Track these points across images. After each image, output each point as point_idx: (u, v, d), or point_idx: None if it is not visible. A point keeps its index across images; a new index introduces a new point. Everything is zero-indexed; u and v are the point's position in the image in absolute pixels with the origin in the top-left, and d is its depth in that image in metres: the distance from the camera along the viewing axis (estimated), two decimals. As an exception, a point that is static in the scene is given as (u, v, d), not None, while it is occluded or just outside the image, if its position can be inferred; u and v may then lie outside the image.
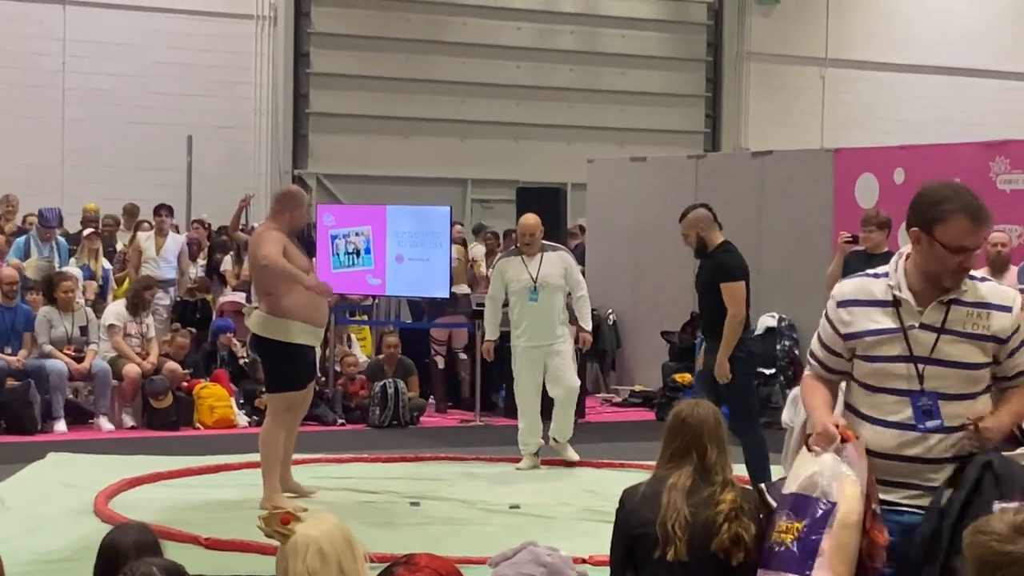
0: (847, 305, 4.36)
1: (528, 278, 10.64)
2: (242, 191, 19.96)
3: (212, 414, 12.99)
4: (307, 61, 21.61)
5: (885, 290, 4.34)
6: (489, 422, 13.26)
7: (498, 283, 10.90)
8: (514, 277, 10.72)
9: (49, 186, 17.57)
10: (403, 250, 13.60)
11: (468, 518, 8.91)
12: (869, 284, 4.39)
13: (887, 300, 4.32)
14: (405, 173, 21.54)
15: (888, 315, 4.30)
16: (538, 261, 10.68)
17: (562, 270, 10.74)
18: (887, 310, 4.30)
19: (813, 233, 13.54)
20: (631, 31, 23.39)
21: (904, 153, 13.40)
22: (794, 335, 13.92)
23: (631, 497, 4.80)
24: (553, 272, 10.69)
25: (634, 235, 15.60)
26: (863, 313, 4.32)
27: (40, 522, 8.50)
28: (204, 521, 8.38)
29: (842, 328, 4.36)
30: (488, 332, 11.05)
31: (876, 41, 24.84)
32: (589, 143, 21.82)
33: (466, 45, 22.33)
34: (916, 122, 23.51)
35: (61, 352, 12.75)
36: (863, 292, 4.37)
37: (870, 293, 4.36)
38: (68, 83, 19.82)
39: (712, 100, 24.33)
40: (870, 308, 4.31)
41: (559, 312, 10.75)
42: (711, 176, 15.14)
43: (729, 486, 4.72)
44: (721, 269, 9.20)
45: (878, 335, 4.29)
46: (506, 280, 10.77)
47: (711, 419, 4.82)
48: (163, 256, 14.71)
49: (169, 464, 10.47)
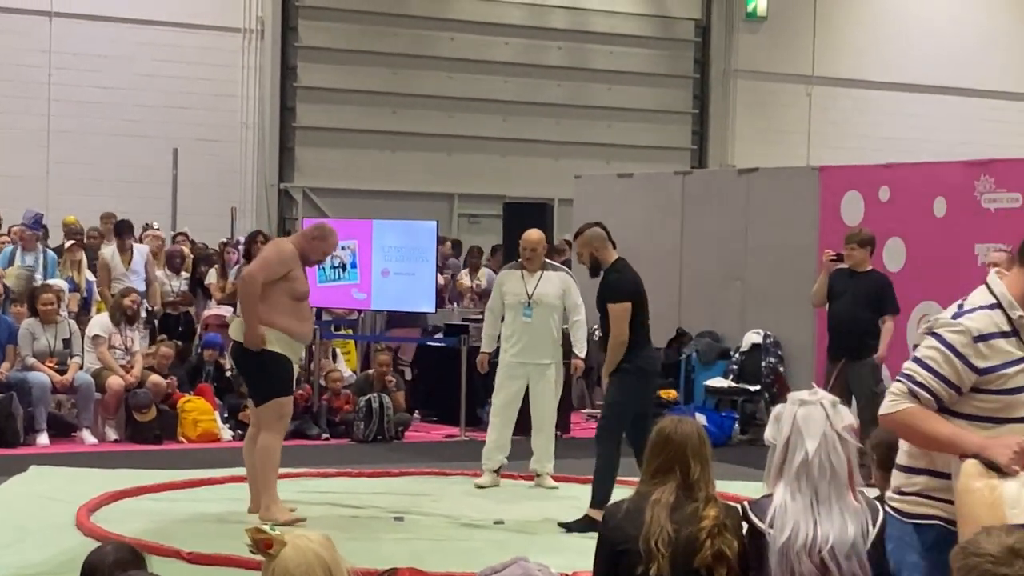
0: (985, 339, 4.29)
1: (524, 293, 10.61)
2: (228, 204, 20.02)
3: (196, 428, 12.95)
4: (294, 75, 21.62)
5: (1005, 320, 4.31)
6: (474, 437, 13.24)
7: (497, 295, 10.88)
8: (511, 291, 10.70)
9: (34, 197, 17.52)
10: (389, 264, 13.58)
11: (452, 533, 8.90)
12: (992, 316, 4.32)
13: (1010, 331, 4.30)
14: (392, 187, 21.55)
15: (1015, 345, 4.29)
16: (537, 278, 10.65)
17: (560, 290, 10.68)
18: (1012, 340, 4.29)
19: (799, 250, 13.56)
20: (619, 47, 23.44)
21: (889, 171, 13.42)
22: (779, 352, 13.93)
23: (614, 513, 4.79)
24: (550, 291, 10.64)
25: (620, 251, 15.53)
26: (1000, 346, 4.28)
27: (22, 535, 8.46)
28: (187, 535, 8.35)
29: (981, 363, 4.27)
30: (484, 344, 11.02)
31: (862, 59, 24.93)
32: (576, 159, 21.85)
33: (454, 60, 22.36)
34: (902, 140, 23.60)
35: (43, 365, 12.70)
36: (993, 325, 4.31)
37: (997, 325, 4.31)
38: (54, 94, 19.80)
39: (699, 117, 24.39)
40: (1003, 340, 4.29)
41: (553, 332, 10.70)
42: (697, 193, 15.16)
43: (712, 502, 4.71)
44: (607, 289, 9.23)
45: (1016, 365, 4.27)
46: (503, 293, 10.76)
47: (695, 436, 4.81)
48: (132, 269, 14.65)
49: (152, 478, 10.43)
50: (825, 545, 4.43)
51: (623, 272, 9.23)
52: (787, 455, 4.54)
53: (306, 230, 9.67)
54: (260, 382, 9.14)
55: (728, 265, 14.54)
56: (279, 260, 9.06)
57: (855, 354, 11.13)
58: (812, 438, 4.51)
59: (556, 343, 10.73)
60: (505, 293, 10.72)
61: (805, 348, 13.51)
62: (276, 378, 9.03)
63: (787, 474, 4.52)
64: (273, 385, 9.03)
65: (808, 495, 4.49)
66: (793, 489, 4.50)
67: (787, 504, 4.49)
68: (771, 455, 4.61)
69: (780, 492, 4.52)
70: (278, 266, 9.02)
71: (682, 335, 14.80)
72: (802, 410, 4.56)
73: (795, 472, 4.50)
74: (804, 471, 4.49)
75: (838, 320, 11.32)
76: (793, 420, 4.55)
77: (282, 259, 9.06)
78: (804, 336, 13.52)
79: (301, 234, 9.65)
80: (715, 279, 14.66)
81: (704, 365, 14.31)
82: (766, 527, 4.49)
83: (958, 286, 11.47)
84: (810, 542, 4.43)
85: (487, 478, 10.66)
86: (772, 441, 4.60)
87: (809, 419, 4.55)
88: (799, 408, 4.57)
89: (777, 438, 4.58)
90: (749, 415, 13.85)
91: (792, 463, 4.52)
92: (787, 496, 4.50)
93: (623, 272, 9.23)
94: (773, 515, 4.48)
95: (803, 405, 4.57)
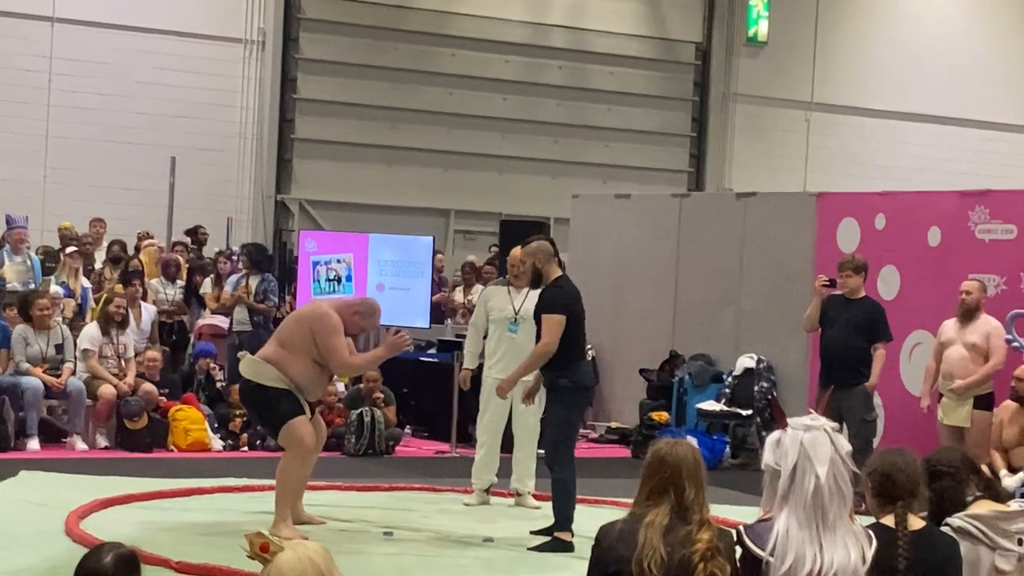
0: None
1: (511, 309, 10.61)
2: (224, 214, 20.02)
3: (187, 437, 12.93)
4: (294, 86, 21.65)
5: None
6: (464, 453, 13.23)
7: (481, 311, 10.86)
8: (496, 306, 10.69)
9: (30, 203, 17.52)
10: (384, 279, 13.59)
11: (441, 550, 8.88)
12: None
13: None
14: (388, 202, 21.56)
15: None
16: (524, 294, 10.64)
17: None
18: None
19: (794, 276, 13.58)
20: (619, 68, 23.49)
21: (885, 199, 13.46)
22: (772, 377, 13.93)
23: (607, 534, 4.78)
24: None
25: (615, 272, 15.63)
26: None
27: (10, 540, 8.43)
28: (176, 544, 8.32)
29: None
30: (466, 360, 11.01)
31: (861, 87, 25.00)
32: (574, 178, 21.88)
33: (454, 76, 22.39)
34: (898, 168, 23.66)
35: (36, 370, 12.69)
36: None
37: None
38: (53, 100, 19.81)
39: (697, 140, 24.43)
40: None
41: None
42: (694, 216, 15.18)
43: (706, 526, 4.71)
44: (543, 302, 9.25)
45: None
46: (488, 308, 10.75)
47: (690, 458, 4.81)
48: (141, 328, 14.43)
49: (142, 486, 10.41)
50: (830, 570, 4.43)
51: (563, 288, 9.25)
52: (794, 480, 4.54)
53: (352, 302, 9.50)
54: (266, 415, 9.13)
55: (723, 288, 14.56)
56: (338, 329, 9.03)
57: (847, 381, 11.14)
58: (822, 463, 4.52)
59: None
60: (491, 309, 10.72)
61: (799, 373, 13.53)
62: (280, 407, 8.94)
63: (795, 500, 4.51)
64: (280, 414, 8.95)
65: (815, 521, 4.48)
66: (799, 516, 4.49)
67: (790, 531, 4.48)
68: (770, 480, 4.60)
69: (783, 519, 4.51)
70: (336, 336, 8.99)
71: (675, 357, 14.81)
72: (808, 435, 4.57)
73: (808, 498, 4.49)
74: (816, 496, 4.49)
75: (830, 347, 11.32)
76: (800, 445, 4.55)
77: (339, 328, 9.05)
78: (798, 361, 13.53)
79: (346, 304, 9.40)
80: (710, 302, 14.68)
81: (697, 388, 14.33)
82: (766, 555, 4.49)
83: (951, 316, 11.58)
84: (816, 570, 4.43)
85: (476, 497, 10.64)
86: (774, 466, 4.59)
87: (816, 444, 4.56)
88: (804, 433, 4.57)
89: (782, 463, 4.57)
90: (741, 439, 13.85)
91: (802, 488, 4.51)
92: (791, 523, 4.49)
93: (563, 288, 9.25)
94: (775, 543, 4.48)
95: (808, 430, 4.58)
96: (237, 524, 8.86)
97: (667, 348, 14.92)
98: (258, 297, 14.64)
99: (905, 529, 4.78)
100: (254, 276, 14.78)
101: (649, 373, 14.95)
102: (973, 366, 11.04)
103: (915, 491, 4.90)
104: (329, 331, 8.93)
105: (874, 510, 4.95)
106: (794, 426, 4.62)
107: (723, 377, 14.21)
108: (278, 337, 9.23)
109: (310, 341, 8.94)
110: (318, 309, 9.17)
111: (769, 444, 4.65)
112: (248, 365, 9.14)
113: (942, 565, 4.80)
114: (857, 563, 4.48)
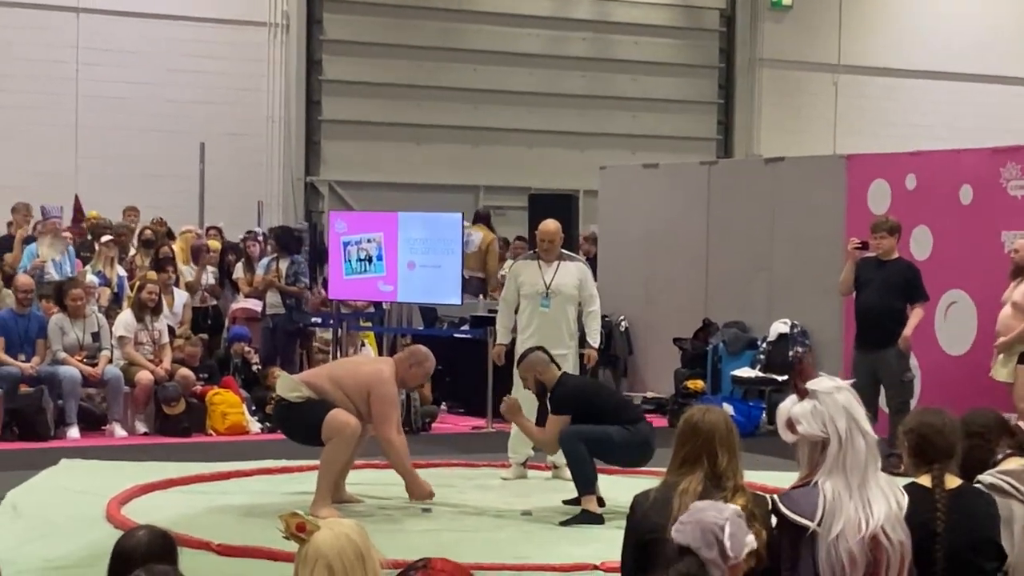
0: None
1: (542, 284, 10.61)
2: (254, 198, 20.07)
3: (224, 420, 13.00)
4: (319, 68, 21.64)
5: None
6: (501, 428, 13.24)
7: (511, 286, 10.87)
8: (527, 281, 10.69)
9: (63, 193, 17.58)
10: (415, 257, 13.59)
11: (479, 525, 8.91)
12: None
13: None
14: (417, 180, 21.56)
15: None
16: (554, 268, 10.64)
17: (577, 281, 10.69)
18: None
19: (825, 239, 13.52)
20: (644, 38, 23.39)
21: (915, 159, 13.38)
22: (806, 341, 13.90)
23: (641, 503, 4.79)
24: (568, 282, 10.65)
25: (646, 242, 15.60)
26: None
27: (52, 528, 8.52)
28: (216, 527, 8.39)
29: None
30: (499, 336, 11.02)
31: (889, 47, 24.81)
32: (601, 150, 21.80)
33: (479, 52, 22.34)
34: (928, 128, 23.48)
35: (73, 359, 12.77)
36: None
37: None
38: (82, 90, 19.86)
39: (724, 106, 24.31)
40: None
41: (570, 323, 10.69)
42: (723, 182, 15.14)
43: (740, 492, 4.72)
44: (554, 402, 9.28)
45: None
46: (519, 283, 10.75)
47: (722, 425, 4.82)
48: (174, 311, 14.53)
49: (182, 470, 10.48)
50: (877, 524, 4.45)
51: (565, 385, 9.30)
52: (844, 445, 4.55)
53: (404, 356, 9.47)
54: (302, 426, 9.12)
55: (755, 255, 14.51)
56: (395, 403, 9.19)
57: (883, 343, 11.09)
58: (864, 421, 4.60)
59: (572, 333, 10.74)
60: (521, 284, 10.72)
61: (832, 337, 13.48)
62: (312, 412, 8.96)
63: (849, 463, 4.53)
64: (314, 418, 8.95)
65: (859, 480, 4.51)
66: (848, 479, 4.51)
67: (839, 496, 4.49)
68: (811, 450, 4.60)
69: (829, 486, 4.52)
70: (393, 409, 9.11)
71: (709, 325, 14.79)
72: (842, 396, 4.60)
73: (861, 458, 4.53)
74: (870, 455, 4.54)
75: (866, 309, 11.27)
76: (844, 409, 4.58)
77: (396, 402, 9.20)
78: (831, 325, 13.49)
79: (399, 360, 9.41)
80: (742, 269, 14.64)
81: (731, 355, 14.31)
82: (813, 524, 4.49)
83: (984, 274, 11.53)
84: (864, 527, 4.45)
85: (513, 471, 10.67)
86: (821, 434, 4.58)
87: (852, 404, 4.61)
88: (839, 395, 4.60)
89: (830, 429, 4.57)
90: (776, 405, 13.81)
91: (854, 450, 4.53)
92: (838, 487, 4.50)
93: (565, 385, 9.30)
94: (823, 510, 4.48)
95: (839, 391, 4.61)
96: (277, 505, 8.91)
97: (700, 316, 14.90)
98: (289, 280, 14.69)
99: (943, 489, 4.77)
100: (283, 259, 14.87)
101: (683, 342, 14.94)
102: (1014, 322, 11.00)
103: (952, 452, 4.89)
104: (388, 402, 9.06)
105: (911, 470, 4.94)
106: (824, 391, 4.62)
107: (757, 343, 14.18)
108: (332, 373, 9.29)
109: (363, 399, 9.01)
110: (381, 375, 9.12)
111: (804, 414, 4.63)
112: (282, 383, 9.29)
113: (980, 524, 4.80)
114: (897, 510, 4.53)
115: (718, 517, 4.06)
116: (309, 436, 9.14)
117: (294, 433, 9.37)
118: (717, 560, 4.00)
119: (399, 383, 9.26)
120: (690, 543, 4.01)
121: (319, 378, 9.18)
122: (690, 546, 4.01)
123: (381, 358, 10.88)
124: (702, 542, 4.00)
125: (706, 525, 4.04)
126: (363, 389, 9.01)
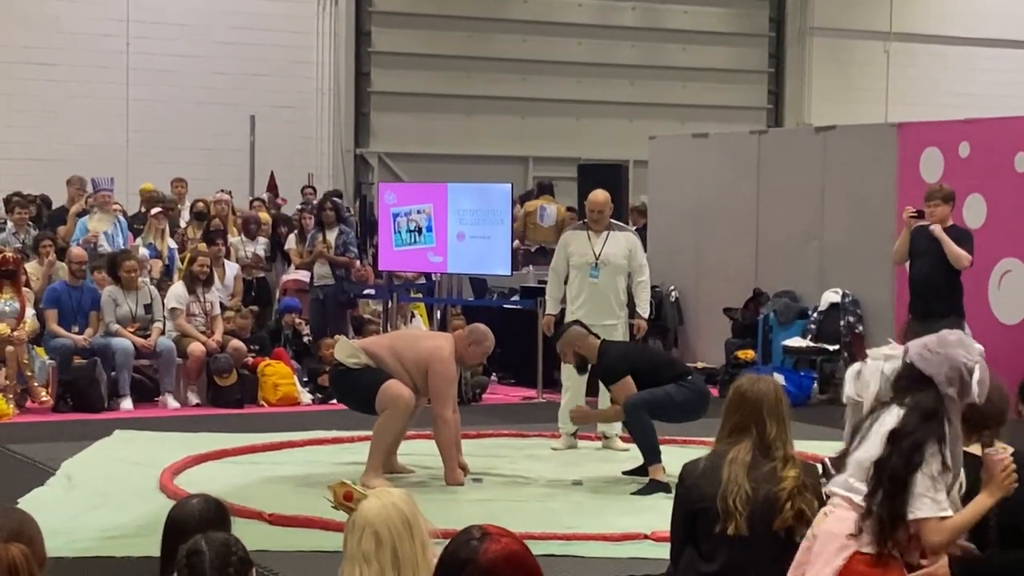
0: None
1: (591, 254, 10.60)
2: (304, 170, 20.14)
3: (276, 392, 13.06)
4: (368, 40, 21.66)
5: None
6: (551, 399, 13.26)
7: (561, 256, 10.85)
8: (577, 251, 10.68)
9: (114, 166, 17.71)
10: (464, 228, 13.60)
11: (530, 494, 8.93)
12: None
13: None
14: (466, 151, 21.56)
15: None
16: (603, 239, 10.62)
17: (626, 251, 10.67)
18: None
19: (877, 209, 13.42)
20: (693, 7, 23.28)
21: (968, 127, 13.24)
22: (858, 311, 13.81)
23: (691, 472, 4.79)
24: (617, 252, 10.63)
25: (696, 212, 15.54)
26: None
27: (106, 498, 8.60)
28: (268, 497, 8.44)
29: None
30: (549, 306, 11.02)
31: (940, 14, 24.58)
32: (651, 120, 21.75)
33: (527, 23, 22.30)
34: (980, 95, 23.25)
35: (126, 331, 12.87)
36: None
37: None
38: (132, 64, 19.97)
39: (775, 76, 24.18)
40: None
41: (619, 293, 10.68)
42: (773, 152, 15.04)
43: (791, 462, 4.71)
44: (606, 373, 9.31)
45: None
46: (568, 253, 10.73)
47: (771, 394, 4.80)
48: (225, 284, 14.62)
49: (234, 441, 10.55)
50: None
51: (610, 353, 9.33)
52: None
53: (464, 334, 9.39)
54: (357, 393, 9.15)
55: (805, 224, 14.43)
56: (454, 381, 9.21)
57: (937, 311, 10.97)
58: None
59: (622, 304, 10.72)
60: (571, 254, 10.70)
61: (884, 307, 13.39)
62: (368, 380, 8.99)
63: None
64: (369, 386, 8.98)
65: None
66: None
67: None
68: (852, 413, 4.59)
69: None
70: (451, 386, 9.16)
71: (759, 295, 14.72)
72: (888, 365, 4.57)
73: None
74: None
75: (920, 278, 11.15)
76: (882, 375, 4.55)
77: (455, 380, 9.23)
78: (883, 295, 13.40)
79: (459, 337, 9.36)
80: (792, 239, 14.56)
81: (782, 325, 14.24)
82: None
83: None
84: None
85: (563, 441, 10.68)
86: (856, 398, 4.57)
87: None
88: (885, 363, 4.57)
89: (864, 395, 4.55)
90: (828, 375, 13.75)
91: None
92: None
93: (610, 353, 9.33)
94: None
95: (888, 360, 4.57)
96: (328, 475, 8.93)
97: (751, 286, 14.84)
98: (338, 250, 14.70)
99: (993, 457, 4.74)
100: (331, 230, 14.81)
101: (733, 312, 14.88)
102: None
103: (1002, 419, 4.86)
104: (447, 380, 9.08)
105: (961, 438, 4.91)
106: (874, 356, 4.60)
107: (808, 313, 14.11)
108: (393, 344, 9.27)
109: (420, 373, 9.02)
110: (442, 352, 9.10)
111: (849, 377, 4.63)
112: (341, 348, 9.31)
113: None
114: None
115: (968, 357, 4.08)
116: (362, 403, 9.17)
117: (348, 399, 9.41)
118: (954, 397, 4.03)
119: (458, 361, 9.24)
120: (933, 374, 4.03)
121: (379, 347, 9.20)
122: (933, 377, 4.03)
123: (441, 334, 10.86)
124: (945, 377, 4.02)
125: (955, 361, 4.06)
126: (422, 364, 9.02)
